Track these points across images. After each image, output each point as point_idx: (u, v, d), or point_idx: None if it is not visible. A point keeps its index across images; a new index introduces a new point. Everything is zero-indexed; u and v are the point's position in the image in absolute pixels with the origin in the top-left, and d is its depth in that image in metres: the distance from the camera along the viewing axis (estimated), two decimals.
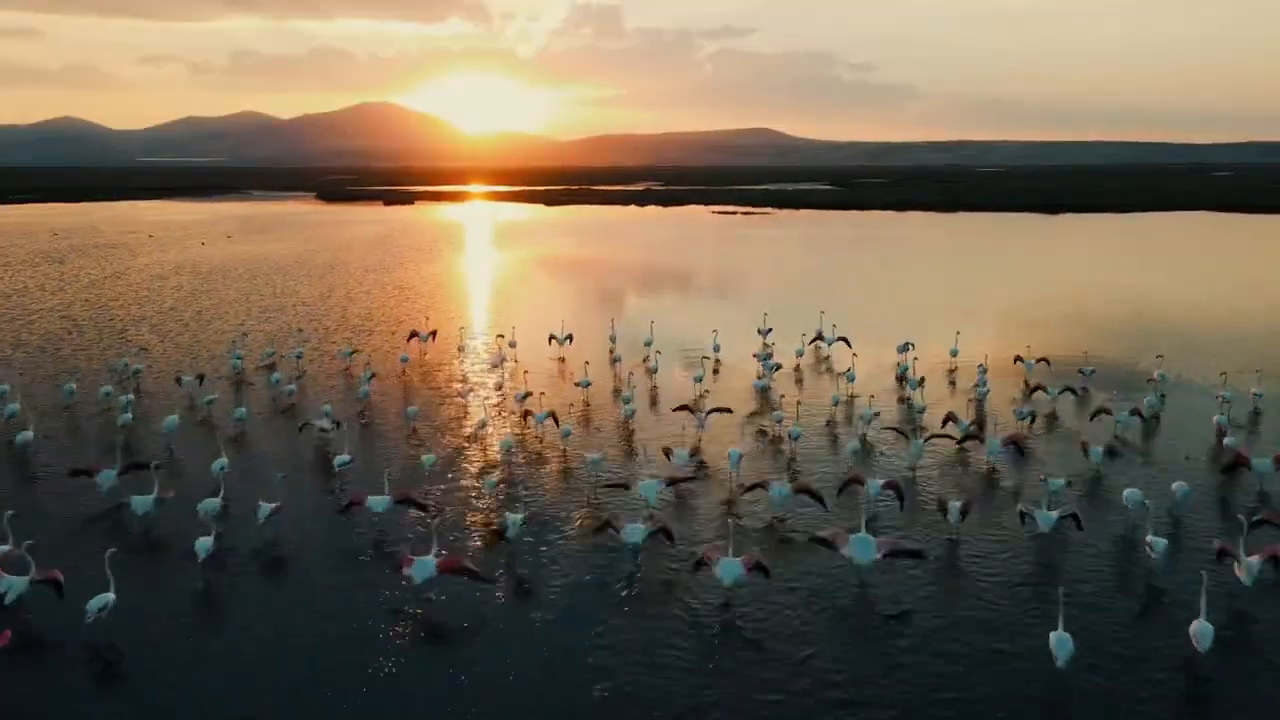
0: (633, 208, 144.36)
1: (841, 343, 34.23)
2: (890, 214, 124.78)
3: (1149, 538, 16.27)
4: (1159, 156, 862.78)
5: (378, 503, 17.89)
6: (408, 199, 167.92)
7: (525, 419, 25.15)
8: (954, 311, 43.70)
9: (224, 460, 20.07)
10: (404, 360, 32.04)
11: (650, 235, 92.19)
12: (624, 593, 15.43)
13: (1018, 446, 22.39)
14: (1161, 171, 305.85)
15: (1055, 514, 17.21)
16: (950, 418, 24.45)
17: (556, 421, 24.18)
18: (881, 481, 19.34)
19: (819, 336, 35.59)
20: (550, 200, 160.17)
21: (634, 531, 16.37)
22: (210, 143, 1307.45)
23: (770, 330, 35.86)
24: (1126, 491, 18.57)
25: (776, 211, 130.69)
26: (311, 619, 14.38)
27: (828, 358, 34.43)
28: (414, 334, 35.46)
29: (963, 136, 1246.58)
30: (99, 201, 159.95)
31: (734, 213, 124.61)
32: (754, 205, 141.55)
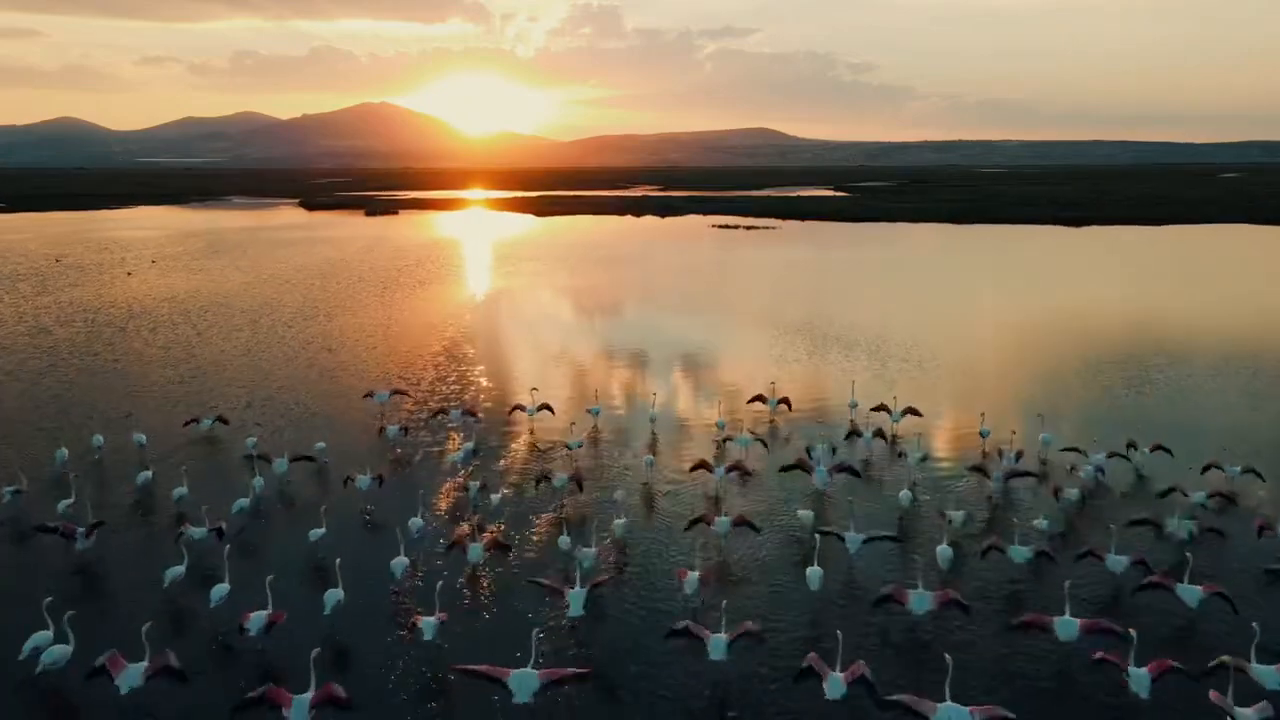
0: (628, 218, 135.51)
1: (911, 415, 28.40)
2: (903, 226, 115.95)
3: None
4: (1160, 156, 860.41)
5: None
6: (391, 209, 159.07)
7: (456, 548, 18.73)
8: (1019, 371, 34.92)
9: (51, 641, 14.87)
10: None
11: (644, 259, 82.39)
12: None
13: (1225, 598, 16.39)
14: (1174, 173, 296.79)
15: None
16: (1091, 554, 18.21)
17: (507, 549, 19.05)
18: (1079, 622, 15.03)
19: (882, 407, 28.81)
20: (540, 210, 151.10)
21: (717, 645, 14.49)
22: (210, 143, 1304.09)
23: (781, 402, 29.91)
24: None
25: (781, 223, 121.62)
26: None
27: (895, 438, 27.57)
28: (369, 394, 30.14)
29: (962, 136, 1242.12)
30: (64, 211, 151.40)
31: (735, 226, 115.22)
32: (756, 216, 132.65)
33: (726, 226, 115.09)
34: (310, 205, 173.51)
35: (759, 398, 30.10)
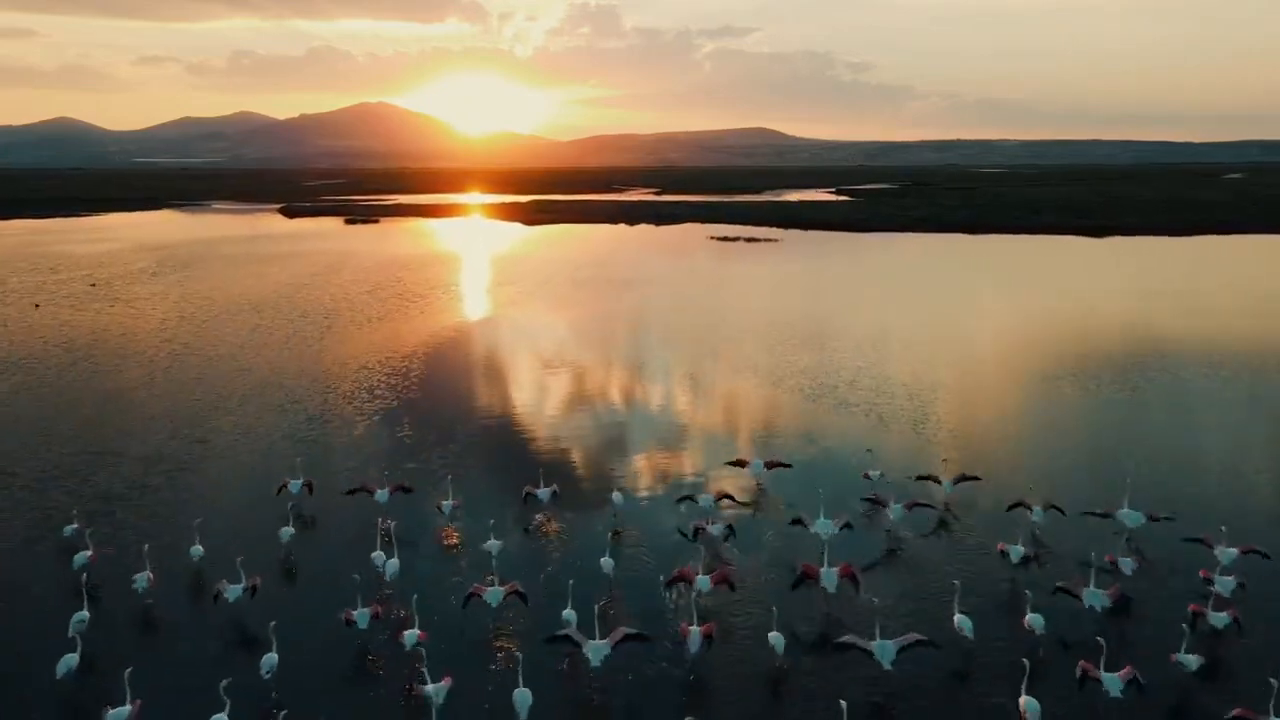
0: (622, 227, 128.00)
1: (968, 481, 24.40)
2: (912, 236, 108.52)
3: None
4: (1160, 156, 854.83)
5: None
6: (372, 216, 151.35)
7: None
8: (1075, 432, 27.46)
9: None
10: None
11: (634, 282, 74.32)
12: None
13: None
14: (1175, 173, 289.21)
15: None
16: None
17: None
18: None
19: (931, 477, 24.70)
20: (530, 218, 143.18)
21: None
22: (208, 143, 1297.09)
23: (781, 465, 25.81)
24: None
25: (783, 233, 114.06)
26: None
27: (947, 512, 23.50)
28: (283, 486, 24.46)
29: (961, 136, 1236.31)
30: (33, 218, 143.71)
31: (735, 238, 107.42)
32: (756, 224, 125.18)
33: (725, 238, 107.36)
34: (291, 212, 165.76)
35: (738, 462, 25.92)
